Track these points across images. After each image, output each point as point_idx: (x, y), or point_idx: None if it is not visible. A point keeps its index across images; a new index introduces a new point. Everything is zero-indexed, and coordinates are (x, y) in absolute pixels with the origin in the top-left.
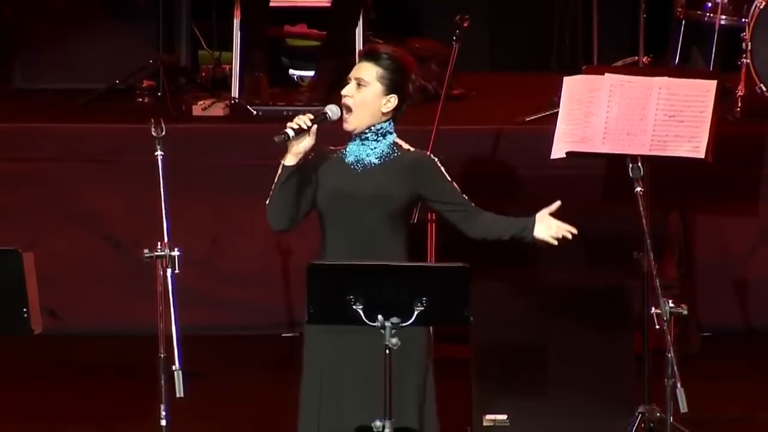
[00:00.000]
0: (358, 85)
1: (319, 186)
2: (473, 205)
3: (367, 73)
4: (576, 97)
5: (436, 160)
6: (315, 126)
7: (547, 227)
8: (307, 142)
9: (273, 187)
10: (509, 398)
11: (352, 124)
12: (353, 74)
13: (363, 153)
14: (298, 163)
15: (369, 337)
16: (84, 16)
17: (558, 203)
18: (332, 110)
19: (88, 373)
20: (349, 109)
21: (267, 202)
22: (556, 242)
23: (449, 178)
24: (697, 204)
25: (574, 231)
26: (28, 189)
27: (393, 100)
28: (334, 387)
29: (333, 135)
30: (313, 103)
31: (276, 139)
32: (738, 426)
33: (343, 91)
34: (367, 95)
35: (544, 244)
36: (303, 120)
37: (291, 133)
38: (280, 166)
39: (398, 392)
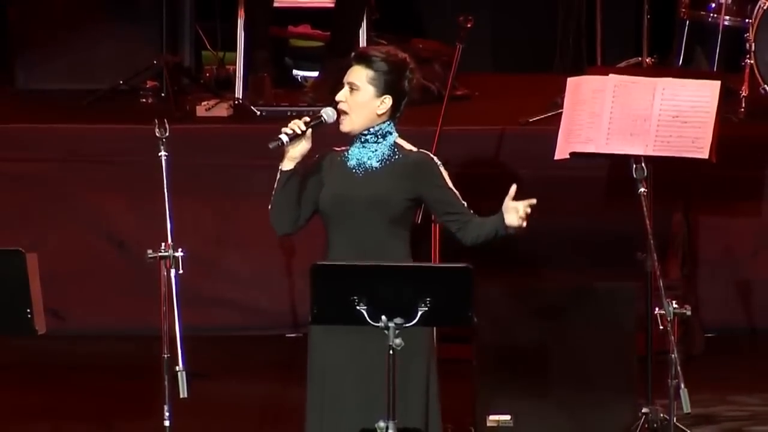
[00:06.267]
0: (351, 89)
1: (321, 189)
2: (468, 209)
3: (358, 77)
4: (579, 98)
5: (439, 163)
6: (310, 129)
7: (514, 212)
8: (303, 146)
9: (273, 192)
10: (512, 398)
11: (347, 126)
12: (346, 78)
13: (364, 156)
14: (295, 167)
15: (373, 338)
16: (87, 17)
17: (514, 186)
18: (327, 113)
19: (91, 373)
20: (344, 113)
21: (269, 207)
22: (525, 223)
23: (449, 183)
24: (700, 204)
25: (533, 201)
26: (32, 189)
27: (387, 101)
28: (338, 387)
29: (334, 136)
30: (316, 103)
31: (270, 146)
32: (741, 427)
33: (337, 97)
34: (359, 99)
35: (519, 230)
36: (297, 124)
37: (285, 138)
38: (279, 171)
39: (401, 393)
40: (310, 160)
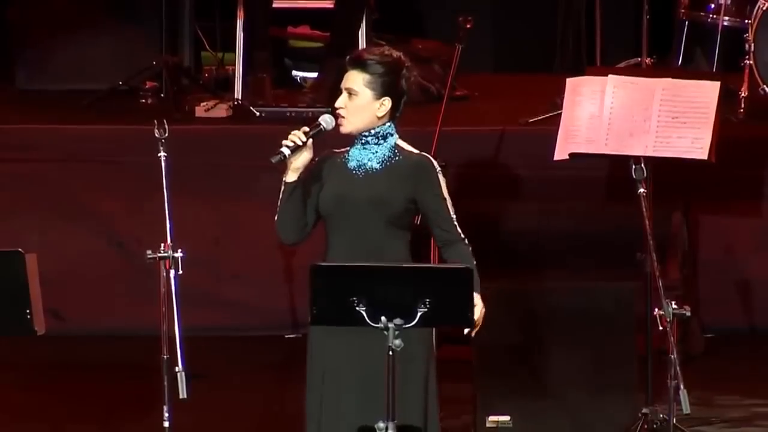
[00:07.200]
0: (350, 94)
1: (321, 191)
2: (458, 229)
3: (355, 82)
4: (579, 99)
5: (438, 170)
6: (311, 139)
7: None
8: (305, 157)
9: (278, 203)
10: (512, 399)
11: (347, 127)
12: (343, 84)
13: (365, 158)
14: (299, 177)
15: (372, 339)
16: (87, 17)
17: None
18: (326, 121)
19: (90, 374)
20: (344, 118)
21: (275, 218)
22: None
23: (445, 193)
24: (700, 205)
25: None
26: (31, 190)
27: (387, 103)
28: (337, 388)
29: (334, 138)
30: (316, 104)
31: (273, 160)
32: (741, 427)
33: (336, 104)
34: (358, 103)
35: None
36: (297, 135)
37: (287, 152)
38: (282, 183)
39: (401, 393)
40: (310, 164)
